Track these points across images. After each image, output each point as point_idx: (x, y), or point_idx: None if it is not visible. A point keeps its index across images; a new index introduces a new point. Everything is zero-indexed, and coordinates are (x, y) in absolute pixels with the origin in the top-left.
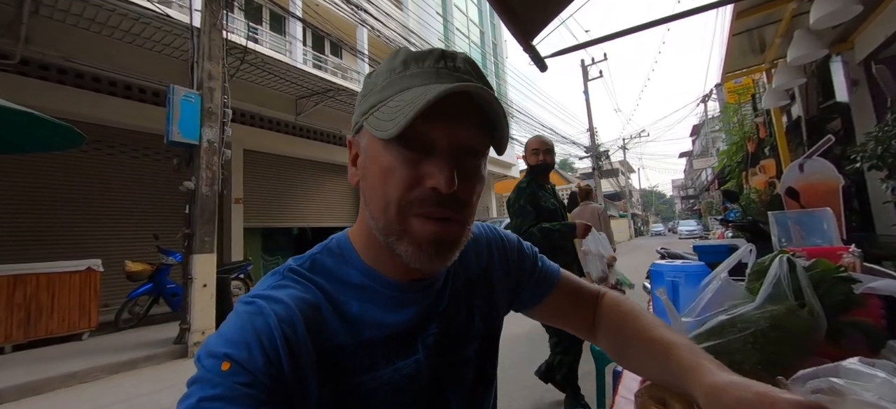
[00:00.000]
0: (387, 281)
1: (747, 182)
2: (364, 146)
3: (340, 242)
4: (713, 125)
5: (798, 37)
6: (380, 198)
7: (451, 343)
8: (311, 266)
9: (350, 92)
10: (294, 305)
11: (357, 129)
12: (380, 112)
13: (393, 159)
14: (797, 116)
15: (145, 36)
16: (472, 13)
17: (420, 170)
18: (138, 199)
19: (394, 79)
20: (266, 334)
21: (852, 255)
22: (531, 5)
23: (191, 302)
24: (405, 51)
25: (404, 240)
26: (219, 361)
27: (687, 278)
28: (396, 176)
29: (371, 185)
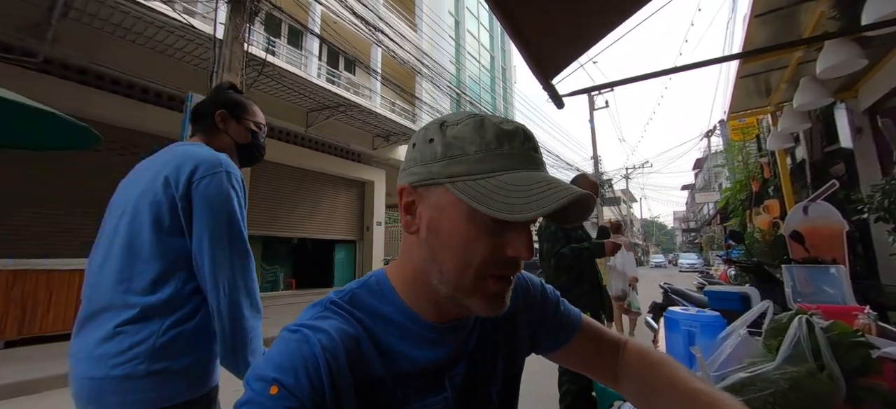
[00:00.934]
0: (423, 322)
1: (751, 221)
2: (436, 203)
3: (380, 280)
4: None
5: (804, 84)
6: (457, 260)
7: (476, 384)
8: (350, 300)
9: (361, 108)
10: (337, 336)
11: (427, 183)
12: (480, 186)
13: (477, 229)
14: (801, 159)
15: (168, 44)
16: (484, 38)
17: (501, 240)
18: None
19: (489, 155)
20: (311, 363)
21: (867, 316)
22: (552, 47)
23: None
24: (491, 124)
25: (475, 296)
26: (268, 385)
27: (703, 328)
28: (481, 245)
29: (446, 245)
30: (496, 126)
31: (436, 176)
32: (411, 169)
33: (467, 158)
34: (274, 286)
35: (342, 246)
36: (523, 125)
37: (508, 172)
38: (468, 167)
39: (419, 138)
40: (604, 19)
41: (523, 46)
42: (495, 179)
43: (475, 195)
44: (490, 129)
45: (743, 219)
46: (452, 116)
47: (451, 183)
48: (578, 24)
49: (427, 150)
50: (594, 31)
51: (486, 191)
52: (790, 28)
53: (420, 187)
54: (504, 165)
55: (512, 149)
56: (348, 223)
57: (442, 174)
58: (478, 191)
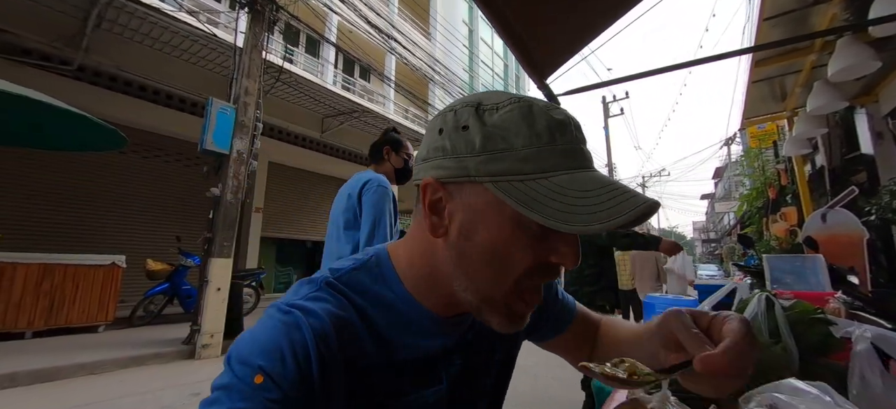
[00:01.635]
0: (425, 312)
1: (768, 229)
2: (471, 204)
3: (381, 261)
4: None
5: (817, 88)
6: (494, 270)
7: (472, 375)
8: (348, 280)
9: (374, 114)
10: (329, 320)
11: (460, 179)
12: (531, 188)
13: (524, 236)
14: (820, 166)
15: (191, 51)
16: (498, 46)
17: (546, 246)
18: (166, 201)
19: (542, 150)
20: (301, 349)
21: (838, 301)
22: (546, 46)
23: (204, 305)
24: (541, 111)
25: (502, 312)
26: (252, 371)
27: None
28: (526, 255)
29: (481, 252)
30: (546, 114)
31: (472, 173)
32: (438, 161)
33: (513, 153)
34: (287, 287)
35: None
36: (570, 113)
37: (562, 173)
38: (515, 165)
39: (448, 123)
40: (598, 16)
41: (515, 45)
42: (549, 181)
43: (525, 199)
44: (540, 117)
45: (759, 227)
46: (489, 96)
47: (494, 182)
48: (573, 19)
49: (459, 139)
50: (590, 26)
51: (538, 195)
52: (802, 30)
53: (450, 184)
54: (557, 163)
55: (565, 143)
56: None
57: (481, 171)
58: (528, 194)
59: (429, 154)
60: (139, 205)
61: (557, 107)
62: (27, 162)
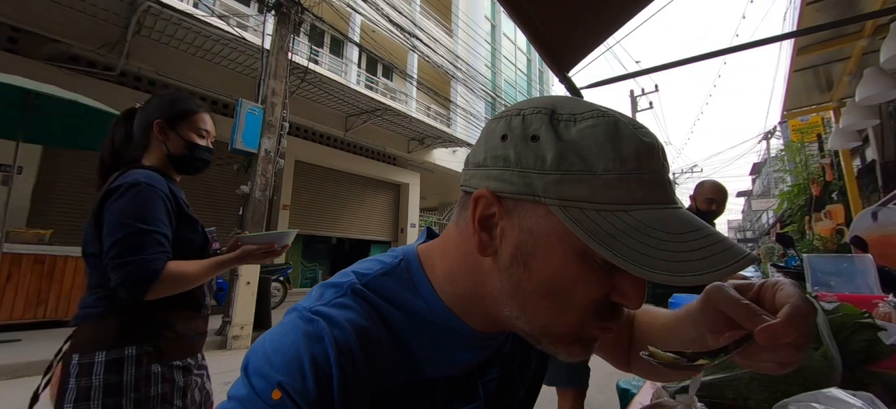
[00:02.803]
0: (462, 325)
1: (810, 227)
2: (531, 228)
3: (412, 267)
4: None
5: (868, 75)
6: (550, 304)
7: (507, 388)
8: (376, 288)
9: (396, 112)
10: (354, 333)
11: (520, 195)
12: (607, 221)
13: (589, 270)
14: (871, 160)
15: (222, 55)
16: (521, 41)
17: (610, 282)
18: (200, 198)
19: (625, 178)
20: (323, 364)
21: (889, 304)
22: (567, 37)
23: (234, 298)
24: (629, 132)
25: (570, 345)
26: (270, 386)
27: None
28: (589, 290)
29: (541, 283)
30: (635, 135)
31: (539, 192)
32: (496, 171)
33: (593, 178)
34: (313, 282)
35: (377, 247)
36: (656, 136)
37: (646, 208)
38: (592, 191)
39: (514, 130)
40: (620, 7)
41: (536, 39)
42: (630, 216)
43: (597, 232)
44: (628, 138)
45: (801, 225)
46: (564, 103)
47: (562, 208)
48: (594, 12)
49: (528, 150)
50: (611, 20)
51: (614, 229)
52: (849, 15)
53: (509, 200)
54: (642, 195)
55: (652, 172)
56: (383, 224)
57: (549, 193)
58: (602, 227)
59: (484, 160)
60: None
61: (644, 127)
62: (73, 163)
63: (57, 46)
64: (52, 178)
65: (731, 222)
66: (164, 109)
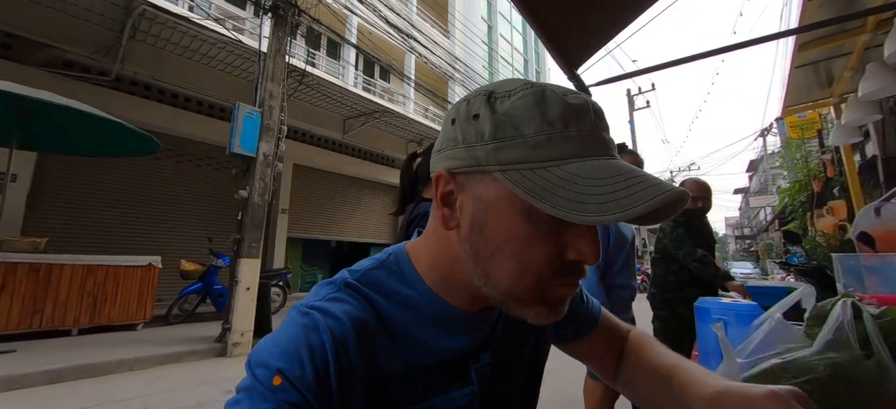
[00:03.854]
0: (450, 308)
1: (812, 224)
2: (482, 196)
3: (399, 258)
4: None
5: (871, 70)
6: (508, 266)
7: (502, 374)
8: (367, 281)
9: (395, 114)
10: (349, 323)
11: (470, 169)
12: (541, 177)
13: (537, 230)
14: (872, 155)
15: (219, 59)
16: (517, 42)
17: (564, 239)
18: (198, 204)
19: (554, 136)
20: (320, 353)
21: None
22: (576, 35)
23: (234, 304)
24: (554, 96)
25: (534, 305)
26: (271, 373)
27: (737, 317)
28: (542, 248)
29: (494, 248)
30: (561, 100)
31: (482, 162)
32: (450, 151)
33: (524, 141)
34: (313, 286)
35: (377, 249)
36: (590, 98)
37: (577, 161)
38: (525, 153)
39: (460, 113)
40: (630, 4)
41: (546, 36)
42: (561, 170)
43: (534, 188)
44: (553, 103)
45: (803, 222)
46: (502, 84)
47: (503, 172)
48: (603, 10)
49: (470, 128)
50: (620, 18)
51: (548, 184)
52: (851, 10)
53: (461, 175)
54: (572, 150)
55: (581, 130)
56: (382, 227)
57: (490, 161)
58: (538, 183)
59: (442, 145)
60: (173, 208)
61: (575, 92)
62: (71, 170)
63: (51, 52)
64: (47, 185)
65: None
66: None
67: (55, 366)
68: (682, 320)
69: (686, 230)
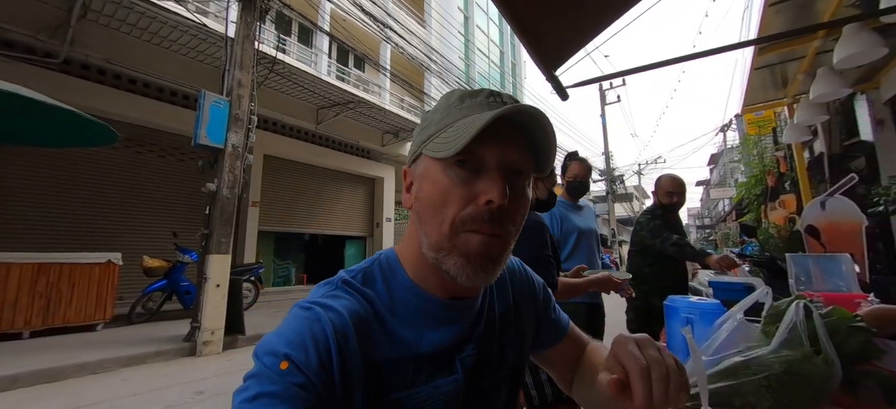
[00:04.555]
0: (430, 298)
1: (766, 216)
2: (421, 172)
3: (389, 258)
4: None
5: (821, 75)
6: (436, 215)
7: (485, 368)
8: (362, 279)
9: (370, 105)
10: (347, 315)
11: (414, 158)
12: (439, 138)
13: (450, 180)
14: (819, 152)
15: (181, 43)
16: (494, 34)
17: (474, 188)
18: (160, 197)
19: (451, 111)
20: (322, 341)
21: (870, 303)
22: (557, 37)
23: (203, 301)
24: (460, 90)
25: (454, 254)
26: (278, 359)
27: (702, 315)
28: (454, 194)
29: (427, 204)
30: (461, 90)
31: (417, 148)
32: (411, 152)
33: (433, 122)
34: (286, 281)
35: (352, 242)
36: (501, 91)
37: (463, 119)
38: (434, 129)
39: (419, 127)
40: (608, 8)
41: (526, 37)
42: (452, 128)
43: (436, 148)
44: (455, 94)
45: (758, 214)
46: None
47: (424, 147)
48: (583, 13)
49: (418, 132)
50: (599, 20)
51: (443, 140)
52: (807, 18)
53: (411, 165)
54: (462, 115)
55: (473, 102)
56: (358, 219)
57: (420, 145)
58: (438, 144)
59: (410, 151)
60: (134, 201)
61: (486, 90)
62: (18, 160)
63: None
64: None
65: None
66: None
67: (8, 372)
68: (654, 310)
69: (662, 221)
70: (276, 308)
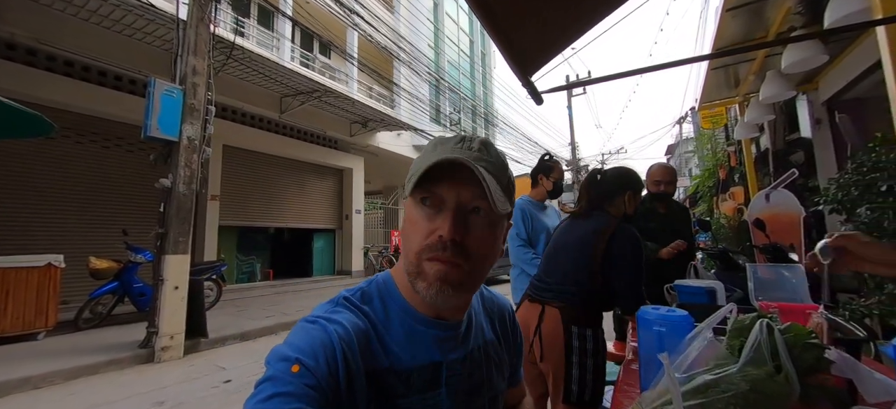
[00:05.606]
0: (421, 317)
1: (718, 207)
2: (405, 206)
3: (386, 279)
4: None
5: (770, 77)
6: (408, 244)
7: (468, 388)
8: (361, 297)
9: (336, 94)
10: (350, 328)
11: (405, 200)
12: (412, 180)
13: (418, 214)
14: (765, 148)
15: (125, 23)
16: (463, 22)
17: (433, 223)
18: (107, 192)
19: (426, 154)
20: (329, 349)
21: (820, 315)
22: (533, 44)
23: (161, 305)
24: (440, 137)
25: (420, 278)
26: (290, 363)
27: (672, 328)
28: (419, 227)
29: (404, 235)
30: (438, 139)
31: (406, 192)
32: None
33: (415, 168)
34: (251, 277)
35: (321, 235)
36: (475, 135)
37: (432, 161)
38: (413, 170)
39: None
40: (586, 16)
41: (502, 43)
42: (422, 172)
43: (408, 186)
44: (433, 142)
45: (710, 205)
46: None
47: (408, 189)
48: (560, 20)
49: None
50: (576, 28)
51: (409, 180)
52: (759, 22)
53: (405, 201)
54: (435, 158)
55: (444, 149)
56: (326, 212)
57: (407, 188)
58: (408, 183)
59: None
60: (76, 198)
61: (454, 136)
62: None
63: None
64: None
65: None
66: None
67: None
68: None
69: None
70: (240, 306)
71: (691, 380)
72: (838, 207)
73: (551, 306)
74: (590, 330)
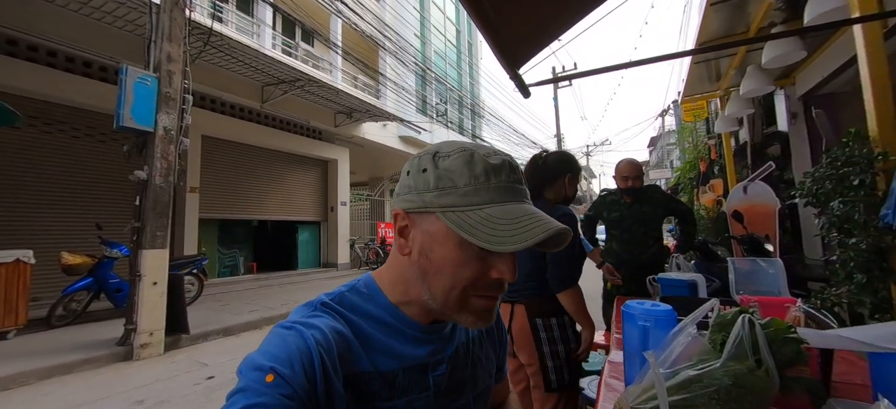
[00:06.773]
0: (408, 320)
1: (698, 199)
2: (428, 230)
3: (368, 283)
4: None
5: (750, 72)
6: (446, 281)
7: (455, 386)
8: (340, 301)
9: (320, 83)
10: (329, 332)
11: (420, 211)
12: (468, 216)
13: (465, 255)
14: (744, 141)
15: (93, 5)
16: (450, 11)
17: (487, 263)
18: (78, 184)
19: (478, 188)
20: (306, 355)
21: (798, 309)
22: (521, 37)
23: (138, 301)
24: (480, 158)
25: (463, 312)
26: (264, 373)
27: (657, 322)
28: (470, 268)
29: (437, 268)
30: (484, 161)
31: (428, 205)
32: (406, 196)
33: (457, 190)
34: (233, 271)
35: (305, 227)
36: (510, 158)
37: (494, 205)
38: (458, 199)
39: (413, 166)
40: (573, 9)
41: (491, 37)
42: (482, 212)
43: (464, 226)
44: (479, 163)
45: (691, 197)
46: (445, 146)
47: (443, 213)
48: (548, 13)
49: (421, 179)
50: (562, 20)
51: (473, 223)
52: (741, 17)
53: (414, 214)
54: (490, 197)
55: (498, 182)
56: (311, 204)
57: (434, 204)
58: (467, 222)
59: (400, 191)
60: (45, 191)
61: (496, 153)
62: None
63: None
64: None
65: None
66: None
67: None
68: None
69: (595, 212)
70: (223, 301)
71: (675, 375)
72: (812, 199)
73: (518, 305)
74: (554, 319)
